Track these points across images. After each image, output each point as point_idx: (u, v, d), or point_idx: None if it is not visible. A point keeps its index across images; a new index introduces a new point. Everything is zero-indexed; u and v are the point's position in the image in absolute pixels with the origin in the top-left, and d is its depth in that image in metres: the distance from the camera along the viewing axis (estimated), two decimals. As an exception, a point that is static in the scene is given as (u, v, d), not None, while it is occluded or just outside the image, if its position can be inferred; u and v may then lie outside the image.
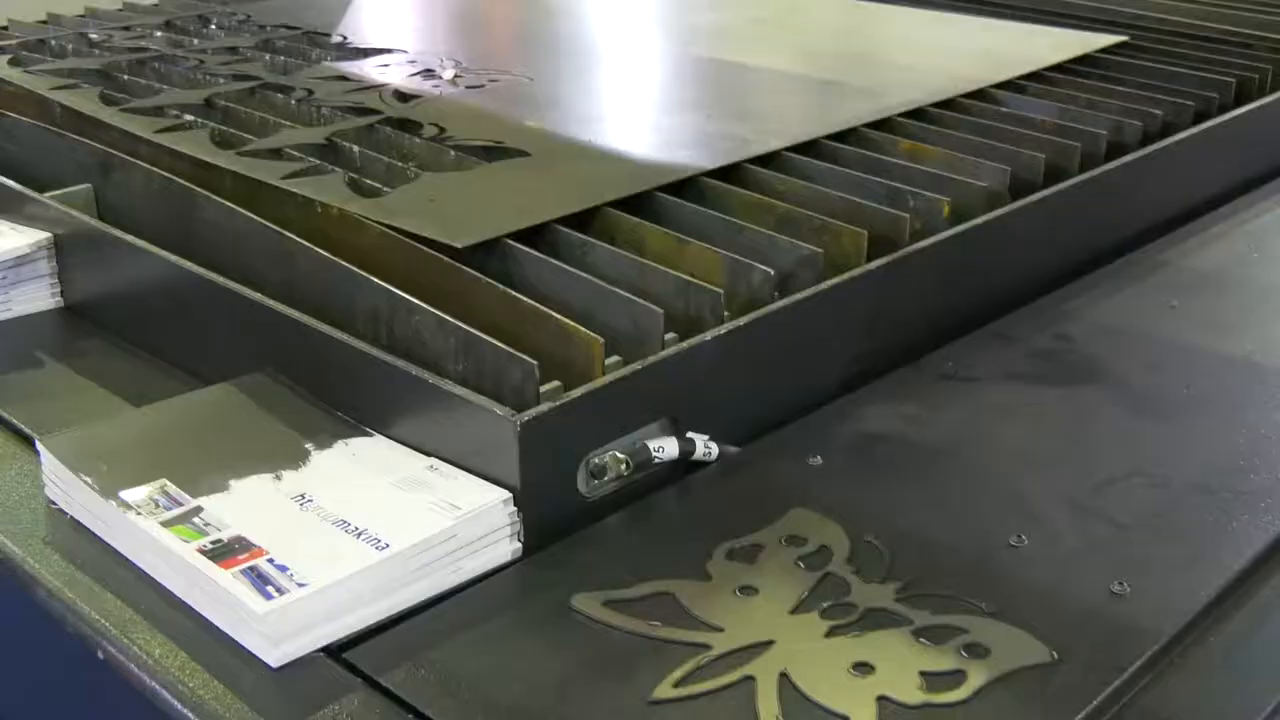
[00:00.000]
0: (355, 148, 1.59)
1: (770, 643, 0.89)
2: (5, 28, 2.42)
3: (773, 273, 1.24)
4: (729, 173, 1.51)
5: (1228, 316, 1.46)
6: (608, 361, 1.09)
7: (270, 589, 0.90)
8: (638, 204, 1.42)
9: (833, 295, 1.26)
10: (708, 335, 1.15)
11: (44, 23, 2.47)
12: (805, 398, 1.26)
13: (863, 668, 0.87)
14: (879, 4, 2.47)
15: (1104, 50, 2.11)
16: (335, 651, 0.91)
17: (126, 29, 2.30)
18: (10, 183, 1.62)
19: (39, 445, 1.11)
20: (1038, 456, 1.16)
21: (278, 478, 1.05)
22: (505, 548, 1.01)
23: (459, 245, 1.26)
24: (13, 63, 2.04)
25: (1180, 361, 1.36)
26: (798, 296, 1.23)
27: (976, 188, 1.49)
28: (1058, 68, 2.01)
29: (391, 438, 1.11)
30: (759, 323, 1.19)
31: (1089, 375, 1.32)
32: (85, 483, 1.05)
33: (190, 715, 0.86)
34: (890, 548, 1.01)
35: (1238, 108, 1.89)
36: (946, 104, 1.81)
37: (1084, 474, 1.12)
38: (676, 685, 0.86)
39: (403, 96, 1.82)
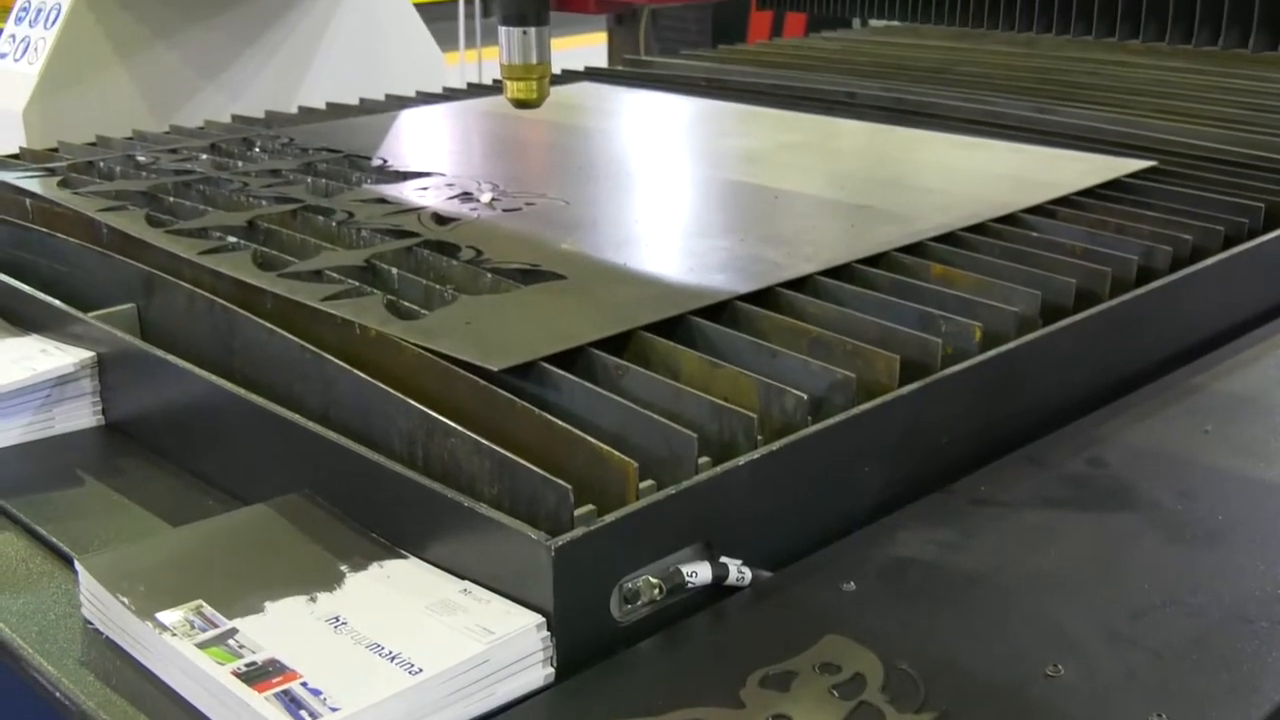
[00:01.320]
0: (394, 270, 1.62)
1: (804, 774, 0.88)
2: (56, 150, 2.48)
3: (806, 397, 1.25)
4: (762, 296, 1.53)
5: (1262, 442, 1.46)
6: (641, 485, 1.10)
7: (304, 713, 0.90)
8: (672, 327, 1.43)
9: (865, 420, 1.27)
10: (741, 460, 1.15)
11: (93, 145, 2.54)
12: (838, 522, 1.26)
13: (898, 801, 0.86)
14: (909, 129, 2.51)
15: (1133, 175, 2.13)
16: (367, 777, 0.91)
17: (173, 151, 2.36)
18: (56, 302, 1.66)
19: (77, 565, 1.12)
20: (1072, 583, 1.16)
21: (312, 600, 1.06)
22: (538, 673, 1.01)
23: (495, 368, 1.28)
24: (62, 184, 2.10)
25: (1214, 487, 1.35)
26: (830, 421, 1.24)
27: (1008, 312, 1.50)
28: (1087, 192, 2.03)
29: (426, 560, 1.12)
30: (792, 447, 1.20)
31: (1123, 501, 1.32)
32: (122, 603, 1.06)
33: (221, 842, 0.86)
34: (925, 676, 1.00)
35: (1267, 232, 1.90)
36: (977, 228, 1.83)
37: (1120, 602, 1.12)
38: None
39: (441, 219, 1.86)
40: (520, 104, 1.91)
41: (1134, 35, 1.57)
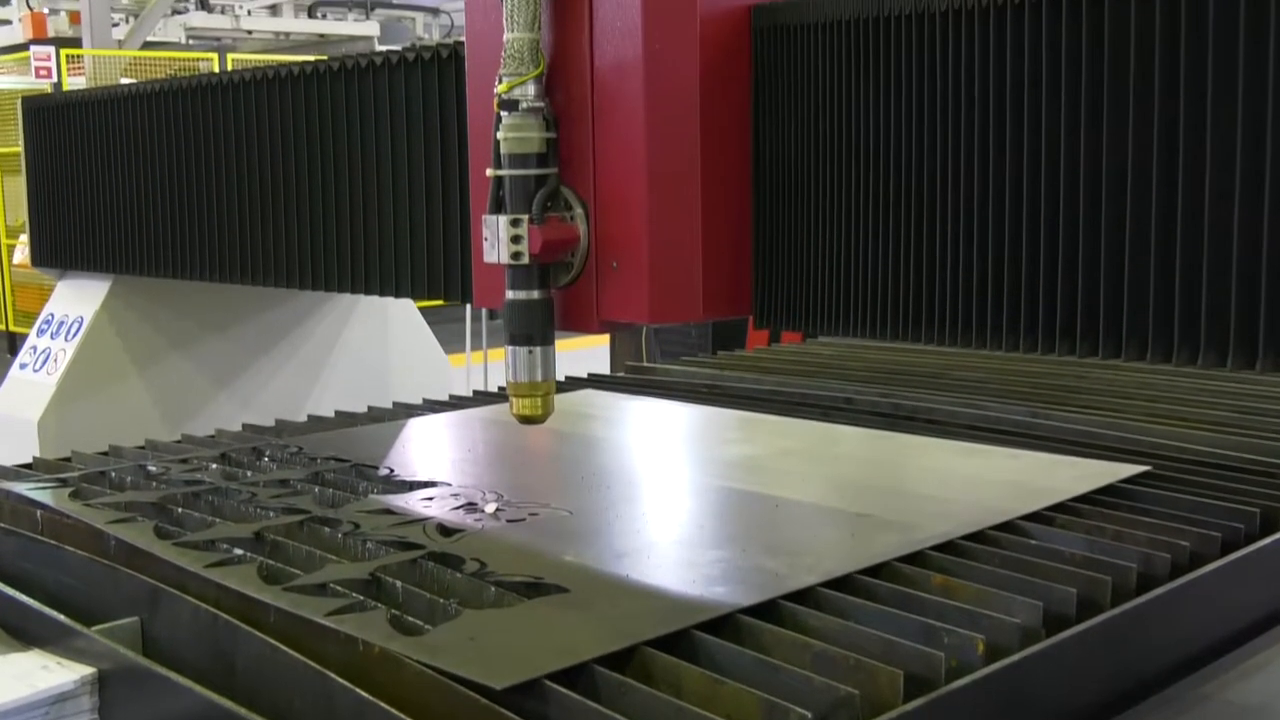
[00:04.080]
0: (398, 583, 1.63)
1: None
2: (69, 459, 2.53)
3: (810, 715, 1.24)
4: (764, 609, 1.54)
5: (1276, 757, 1.43)
6: (645, 811, 1.08)
7: None
8: (675, 641, 1.43)
9: (871, 738, 1.25)
10: (746, 782, 1.14)
11: (105, 454, 2.58)
12: (846, 846, 1.23)
13: None
14: (906, 435, 2.56)
15: (1128, 480, 2.16)
16: None
17: (184, 461, 2.40)
18: (58, 616, 1.66)
19: None
20: None
21: None
22: None
23: (498, 686, 1.28)
24: (73, 495, 2.13)
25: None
26: (835, 740, 1.23)
27: (1010, 624, 1.51)
28: (1084, 498, 2.05)
29: None
30: (797, 768, 1.18)
31: (1138, 821, 1.29)
32: None
33: None
34: None
35: (1264, 537, 1.92)
36: (976, 537, 1.85)
37: None
38: None
39: (446, 531, 1.88)
40: (526, 420, 1.96)
41: (1116, 354, 1.63)
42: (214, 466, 2.36)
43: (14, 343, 10.03)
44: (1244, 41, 1.54)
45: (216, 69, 9.92)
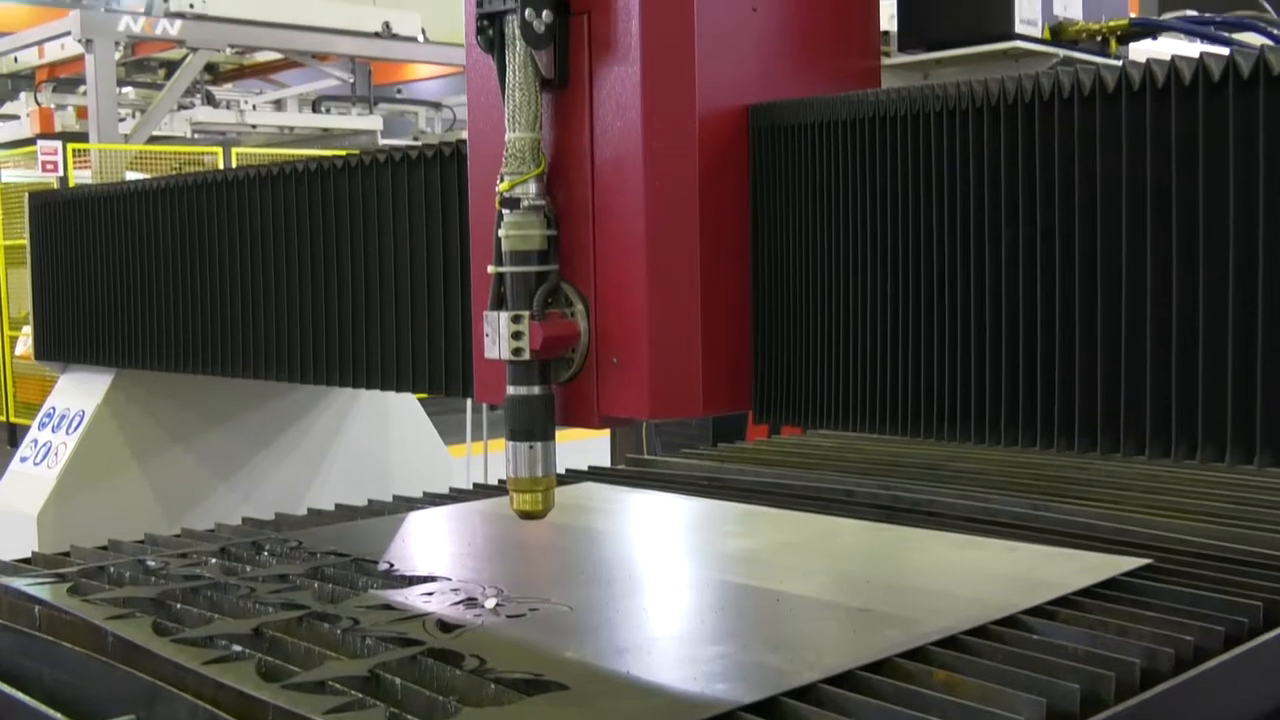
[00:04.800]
0: (397, 680, 1.62)
1: None
2: (68, 554, 2.52)
3: (812, 816, 1.23)
4: (765, 707, 1.53)
5: None
6: None
7: None
8: (675, 740, 1.43)
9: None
10: None
11: (105, 549, 2.58)
12: None
13: None
14: (906, 527, 2.56)
15: (1129, 573, 2.15)
16: None
17: (183, 556, 2.40)
18: (55, 715, 1.65)
19: None
20: None
21: None
22: None
23: (497, 791, 1.27)
24: (72, 591, 2.12)
25: None
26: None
27: (1013, 721, 1.50)
28: (1086, 592, 2.05)
29: None
30: None
31: None
32: None
33: None
34: None
35: (1267, 631, 1.91)
36: (978, 631, 1.85)
37: None
38: None
39: (445, 626, 1.88)
40: (526, 516, 1.96)
41: (1114, 450, 1.64)
42: (213, 561, 2.35)
43: (14, 434, 10.03)
44: (1233, 146, 1.57)
45: (221, 162, 10.03)
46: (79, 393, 3.55)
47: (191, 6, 10.12)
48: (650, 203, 1.89)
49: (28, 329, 8.71)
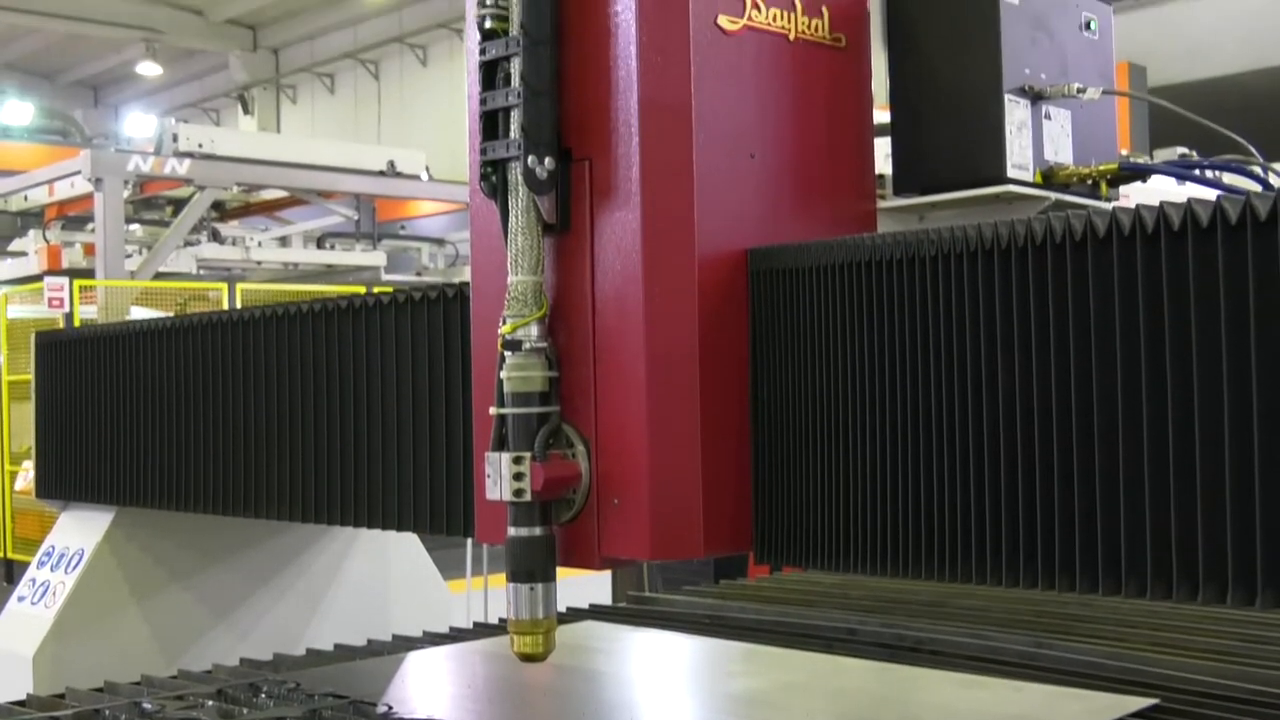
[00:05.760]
0: (396, 830, 1.60)
1: None
2: (63, 696, 2.50)
3: None
4: None
5: None
6: None
7: None
8: None
9: None
10: None
11: (100, 690, 2.55)
12: None
13: None
14: (909, 667, 2.53)
15: (1135, 714, 2.13)
16: None
17: (180, 698, 2.37)
18: None
19: None
20: None
21: None
22: None
23: None
24: (66, 735, 2.10)
25: None
26: None
27: None
28: (1092, 734, 2.03)
29: None
30: None
31: None
32: None
33: None
34: None
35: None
36: (985, 775, 1.82)
37: None
38: None
39: (445, 773, 1.85)
40: (527, 658, 1.95)
41: (1116, 592, 1.64)
42: (210, 704, 2.33)
43: (11, 570, 9.95)
44: (1223, 288, 1.59)
45: (226, 297, 10.12)
46: (79, 531, 3.54)
47: (200, 146, 10.31)
48: (650, 345, 1.92)
49: (28, 464, 8.70)
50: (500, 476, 1.92)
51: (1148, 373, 1.66)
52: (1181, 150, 6.44)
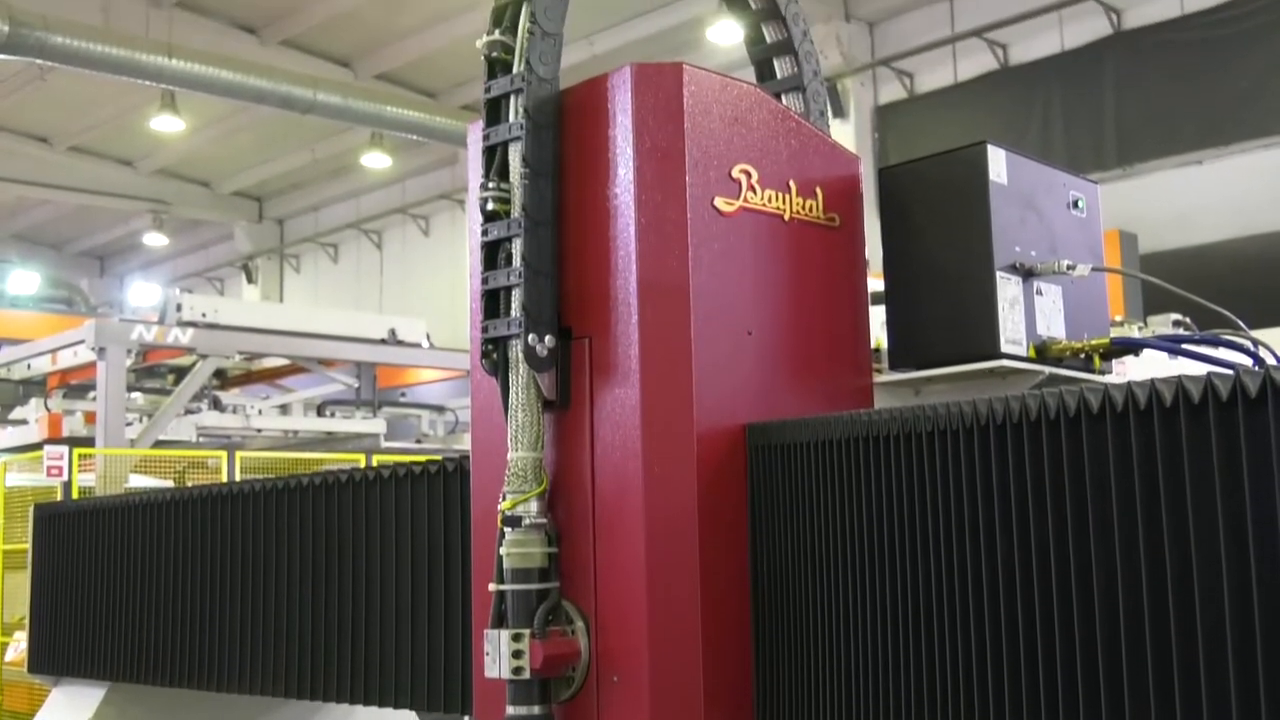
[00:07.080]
0: None
1: None
2: None
3: None
4: None
5: None
6: None
7: None
8: None
9: None
10: None
11: None
12: None
13: None
14: None
15: None
16: None
17: None
18: None
19: None
20: None
21: None
22: None
23: None
24: None
25: None
26: None
27: None
28: None
29: None
30: None
31: None
32: None
33: None
34: None
35: None
36: None
37: None
38: None
39: None
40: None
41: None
42: None
43: (-4, 745, 9.72)
44: (1217, 464, 1.60)
45: (225, 465, 10.11)
46: (70, 707, 3.49)
47: (204, 315, 10.42)
48: (650, 521, 1.92)
49: (20, 634, 8.58)
50: (499, 654, 1.91)
51: (1145, 547, 1.65)
52: (1175, 317, 6.50)
